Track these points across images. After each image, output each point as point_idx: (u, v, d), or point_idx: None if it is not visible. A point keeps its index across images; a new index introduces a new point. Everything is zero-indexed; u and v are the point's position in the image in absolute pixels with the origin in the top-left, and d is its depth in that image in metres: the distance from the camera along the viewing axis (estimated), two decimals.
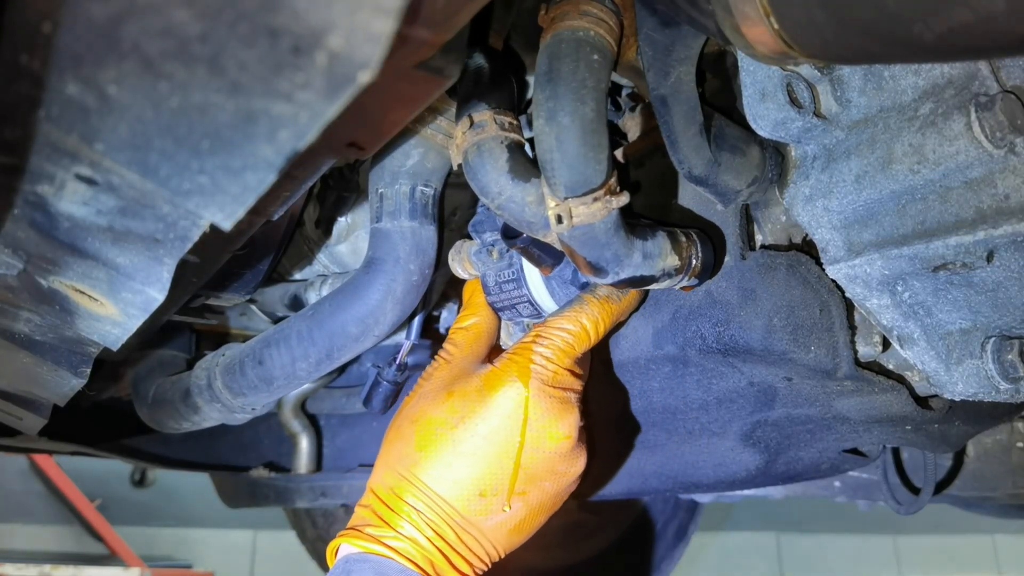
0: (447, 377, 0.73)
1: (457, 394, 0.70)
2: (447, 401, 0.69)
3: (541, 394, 0.68)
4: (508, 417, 0.67)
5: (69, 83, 0.41)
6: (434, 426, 0.68)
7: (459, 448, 0.67)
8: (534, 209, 0.65)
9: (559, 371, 0.69)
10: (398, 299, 0.76)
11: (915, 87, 0.60)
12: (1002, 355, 0.64)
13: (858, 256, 0.66)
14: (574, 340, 0.70)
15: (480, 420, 0.67)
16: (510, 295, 0.79)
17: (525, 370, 0.68)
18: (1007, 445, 1.33)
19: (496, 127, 0.65)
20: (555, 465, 0.69)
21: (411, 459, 0.68)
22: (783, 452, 0.85)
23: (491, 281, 0.80)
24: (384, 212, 0.75)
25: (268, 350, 0.80)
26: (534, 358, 0.69)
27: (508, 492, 0.67)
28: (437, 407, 0.70)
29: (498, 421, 0.67)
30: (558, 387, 0.69)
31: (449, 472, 0.66)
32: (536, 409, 0.67)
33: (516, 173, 0.65)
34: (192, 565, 3.17)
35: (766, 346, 0.69)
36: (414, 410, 0.71)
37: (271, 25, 0.35)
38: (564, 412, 0.69)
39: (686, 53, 0.67)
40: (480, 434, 0.67)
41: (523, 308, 0.79)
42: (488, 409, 0.67)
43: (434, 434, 0.68)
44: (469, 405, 0.68)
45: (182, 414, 0.90)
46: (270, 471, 1.37)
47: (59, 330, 0.69)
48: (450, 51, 0.47)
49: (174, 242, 0.52)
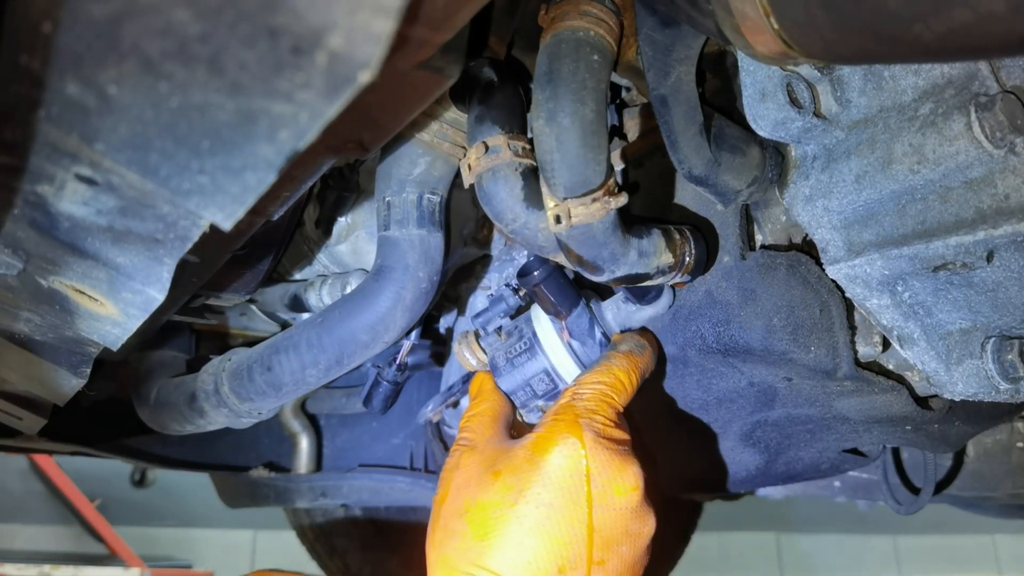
0: (482, 461, 0.67)
1: (505, 471, 0.63)
2: (496, 481, 0.63)
3: (597, 446, 0.63)
4: (571, 476, 0.61)
5: (69, 83, 0.41)
6: (491, 510, 0.62)
7: (525, 524, 0.60)
8: (547, 235, 0.67)
9: (607, 422, 0.65)
10: (408, 306, 0.77)
11: (915, 87, 0.60)
12: (1002, 355, 0.63)
13: (858, 256, 0.66)
14: (612, 392, 0.67)
15: (541, 488, 0.61)
16: (523, 370, 0.75)
17: (575, 426, 0.63)
18: (1007, 445, 1.33)
19: (510, 153, 0.66)
20: (628, 524, 0.63)
21: (474, 552, 0.60)
22: (783, 452, 0.85)
23: (501, 361, 0.77)
24: (392, 220, 0.76)
25: (277, 356, 0.80)
26: (580, 412, 0.64)
27: (587, 562, 0.60)
28: (486, 490, 0.63)
29: (561, 483, 0.61)
30: (611, 439, 0.64)
31: (521, 553, 0.60)
32: (596, 462, 0.62)
33: (530, 201, 0.66)
34: (192, 565, 3.17)
35: (766, 346, 0.69)
36: (458, 503, 0.64)
37: (271, 25, 0.35)
38: (625, 462, 0.64)
39: (686, 53, 0.67)
40: (545, 503, 0.61)
41: (538, 384, 0.75)
42: (547, 474, 0.61)
43: (493, 518, 0.61)
44: (524, 476, 0.62)
45: (186, 417, 0.90)
46: (270, 471, 1.37)
47: (59, 330, 0.69)
48: (450, 51, 0.47)
49: (174, 242, 0.52)
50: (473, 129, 0.69)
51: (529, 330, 0.76)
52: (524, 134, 0.69)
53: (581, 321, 0.74)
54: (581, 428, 0.63)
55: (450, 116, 0.74)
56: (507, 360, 0.77)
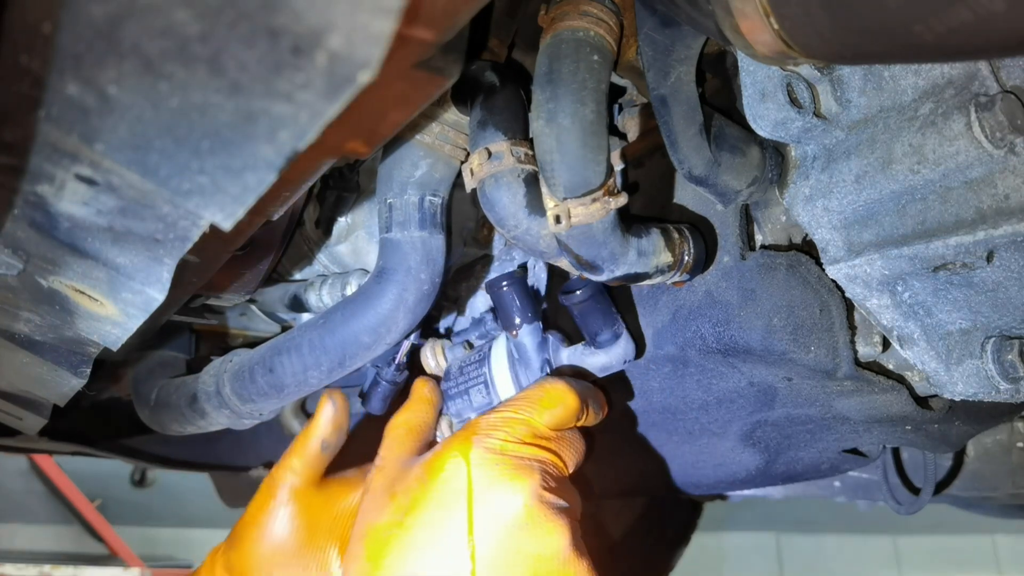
0: (384, 483, 0.67)
1: (400, 492, 0.63)
2: (391, 503, 0.63)
3: (485, 461, 0.60)
4: (452, 493, 0.59)
5: (69, 83, 0.41)
6: (382, 532, 0.61)
7: (408, 545, 0.59)
8: (549, 241, 0.67)
9: (508, 438, 0.62)
10: (410, 308, 0.77)
11: (915, 87, 0.60)
12: (1002, 355, 0.64)
13: (858, 256, 0.66)
14: (523, 411, 0.64)
15: (424, 507, 0.60)
16: (467, 378, 0.78)
17: (465, 443, 0.62)
18: (1007, 445, 1.33)
19: (513, 159, 0.66)
20: (520, 542, 0.58)
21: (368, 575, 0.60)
22: (783, 452, 0.85)
23: (455, 368, 0.81)
24: (394, 222, 0.76)
25: (279, 358, 0.80)
26: (477, 430, 0.63)
27: None
28: (380, 513, 0.63)
29: (442, 500, 0.59)
30: (507, 454, 0.61)
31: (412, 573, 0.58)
32: (481, 477, 0.59)
33: (533, 207, 0.66)
34: (192, 565, 3.17)
35: (766, 346, 0.69)
36: (360, 527, 0.64)
37: (271, 25, 0.35)
38: (517, 474, 0.60)
39: (686, 53, 0.67)
40: (426, 522, 0.59)
41: (476, 395, 0.77)
42: (431, 492, 0.60)
43: (383, 540, 0.60)
44: (412, 496, 0.62)
45: (187, 418, 0.90)
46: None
47: (59, 330, 0.69)
48: (450, 51, 0.47)
49: (174, 242, 0.52)
50: (475, 134, 0.69)
51: (488, 346, 0.78)
52: (526, 139, 0.69)
53: (532, 340, 0.76)
54: (471, 445, 0.62)
55: (451, 118, 0.74)
56: (459, 368, 0.80)
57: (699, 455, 0.89)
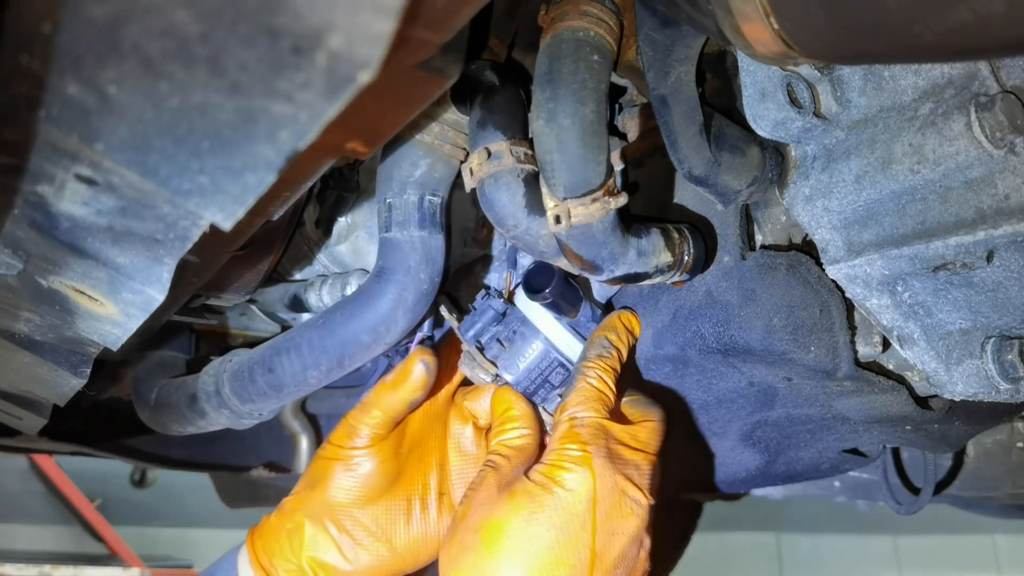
0: (501, 482, 0.70)
1: (520, 492, 0.67)
2: (511, 501, 0.67)
3: (605, 471, 0.67)
4: (581, 502, 0.65)
5: (69, 83, 0.41)
6: (504, 527, 0.65)
7: (535, 544, 0.64)
8: (548, 240, 0.67)
9: (620, 440, 0.69)
10: (409, 307, 0.77)
11: (915, 87, 0.60)
12: (1002, 355, 0.64)
13: (858, 256, 0.66)
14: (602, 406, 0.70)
15: (553, 511, 0.65)
16: (540, 369, 0.76)
17: (583, 452, 0.67)
18: (1007, 445, 1.33)
19: (513, 159, 0.66)
20: (626, 549, 0.67)
21: (485, 565, 0.64)
22: (783, 452, 0.85)
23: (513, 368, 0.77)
24: (393, 222, 0.76)
25: (278, 358, 0.80)
26: (585, 439, 0.68)
27: None
28: (500, 509, 0.67)
29: (571, 508, 0.65)
30: (619, 458, 0.68)
31: (528, 572, 0.63)
32: (603, 489, 0.66)
33: (532, 207, 0.66)
34: (192, 565, 3.17)
35: (766, 346, 0.69)
36: (474, 519, 0.68)
37: (271, 25, 0.35)
38: (628, 488, 0.68)
39: (686, 53, 0.67)
40: (555, 525, 0.64)
41: (554, 377, 0.77)
42: (559, 498, 0.65)
43: (505, 535, 0.65)
44: (538, 499, 0.66)
45: (187, 418, 0.90)
46: (270, 471, 1.37)
47: (59, 330, 0.69)
48: (450, 51, 0.47)
49: (174, 242, 0.52)
50: (475, 134, 0.69)
51: (529, 330, 0.76)
52: (526, 139, 0.69)
53: (585, 311, 0.76)
54: (590, 456, 0.67)
55: (450, 118, 0.74)
56: (517, 365, 0.77)
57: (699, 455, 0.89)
